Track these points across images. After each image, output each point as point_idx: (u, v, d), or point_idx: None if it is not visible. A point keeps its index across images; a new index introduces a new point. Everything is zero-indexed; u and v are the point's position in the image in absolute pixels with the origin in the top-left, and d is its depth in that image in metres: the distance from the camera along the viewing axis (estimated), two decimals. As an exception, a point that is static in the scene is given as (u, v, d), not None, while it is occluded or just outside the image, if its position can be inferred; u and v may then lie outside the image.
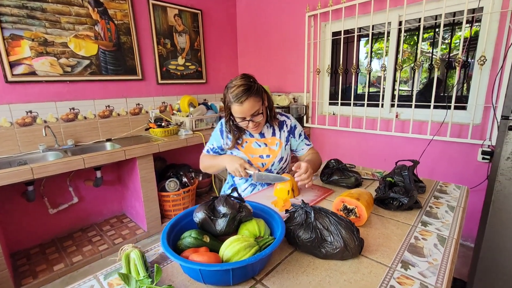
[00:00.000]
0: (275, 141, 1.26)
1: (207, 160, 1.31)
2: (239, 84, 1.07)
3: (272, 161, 1.25)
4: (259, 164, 1.25)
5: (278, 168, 1.29)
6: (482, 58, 1.85)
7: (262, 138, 1.27)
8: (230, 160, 1.17)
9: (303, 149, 1.33)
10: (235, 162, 1.15)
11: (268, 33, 3.08)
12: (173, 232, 0.70)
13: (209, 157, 1.32)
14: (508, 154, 1.46)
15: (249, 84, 1.07)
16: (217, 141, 1.29)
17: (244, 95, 1.05)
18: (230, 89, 1.08)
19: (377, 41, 2.63)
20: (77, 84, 2.26)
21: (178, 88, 2.94)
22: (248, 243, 0.62)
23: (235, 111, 1.09)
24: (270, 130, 1.27)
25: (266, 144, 1.26)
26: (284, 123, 1.29)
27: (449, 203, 1.00)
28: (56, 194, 2.26)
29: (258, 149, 1.26)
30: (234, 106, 1.08)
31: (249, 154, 1.25)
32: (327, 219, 0.70)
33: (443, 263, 0.67)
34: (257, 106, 1.09)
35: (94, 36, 2.28)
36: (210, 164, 1.29)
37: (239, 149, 1.26)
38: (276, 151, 1.25)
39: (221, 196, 0.73)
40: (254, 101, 1.07)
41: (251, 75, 1.14)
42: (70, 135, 2.26)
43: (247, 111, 1.08)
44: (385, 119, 2.39)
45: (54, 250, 2.17)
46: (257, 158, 1.25)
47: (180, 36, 2.86)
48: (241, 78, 1.10)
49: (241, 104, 1.06)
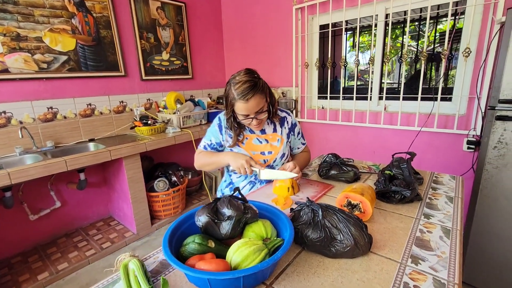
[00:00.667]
0: (276, 137, 1.23)
1: (204, 157, 1.23)
2: (244, 80, 1.01)
3: (274, 158, 1.22)
4: (260, 161, 1.22)
5: (280, 164, 1.26)
6: (467, 50, 1.88)
7: (263, 134, 1.23)
8: (234, 157, 1.11)
9: (298, 148, 1.33)
10: (239, 158, 1.09)
11: (254, 26, 3.02)
12: (175, 237, 0.65)
13: (207, 154, 1.24)
14: (495, 144, 1.51)
15: (255, 81, 1.02)
16: (216, 137, 1.22)
17: (250, 92, 1.00)
18: (234, 86, 1.02)
19: (361, 35, 2.64)
20: (55, 82, 2.12)
21: (164, 84, 2.84)
22: (257, 246, 0.58)
23: (239, 108, 1.04)
24: (271, 126, 1.24)
25: (268, 140, 1.23)
26: (285, 119, 1.26)
27: (447, 194, 1.01)
28: (37, 199, 2.13)
29: (259, 145, 1.22)
30: (238, 104, 1.03)
31: (250, 151, 1.21)
32: (335, 217, 0.68)
33: (452, 255, 0.67)
34: (262, 103, 1.05)
35: (71, 30, 2.14)
36: (208, 161, 1.22)
37: (240, 146, 1.21)
38: (278, 147, 1.22)
39: (224, 197, 0.69)
40: (260, 98, 1.03)
41: (254, 69, 1.08)
42: (49, 136, 2.12)
43: (252, 108, 1.03)
44: (374, 112, 2.41)
45: (37, 258, 2.05)
46: (258, 154, 1.21)
47: (164, 30, 2.74)
48: (246, 73, 1.04)
49: (247, 102, 1.01)
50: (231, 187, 1.31)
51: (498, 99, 1.46)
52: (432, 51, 2.35)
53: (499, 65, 1.46)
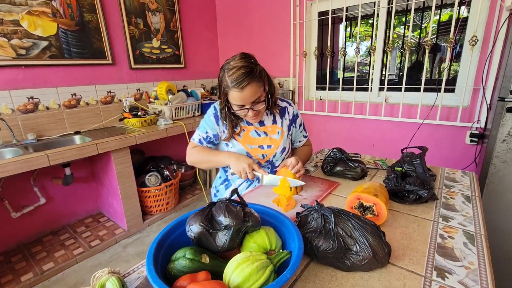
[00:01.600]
0: (276, 129, 1.12)
1: (200, 154, 1.10)
2: (239, 65, 0.89)
3: (274, 152, 1.11)
4: (259, 156, 1.11)
5: (280, 160, 1.16)
6: (474, 38, 1.79)
7: (262, 126, 1.11)
8: (236, 159, 0.99)
9: (300, 141, 1.23)
10: (241, 161, 0.98)
11: (250, 12, 2.87)
12: (162, 250, 0.55)
13: (203, 150, 1.10)
14: (504, 137, 1.43)
15: (251, 67, 0.90)
16: (212, 129, 1.10)
17: (246, 80, 0.88)
18: (228, 72, 0.91)
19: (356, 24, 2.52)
20: (35, 69, 1.96)
21: (155, 74, 2.69)
22: (260, 263, 0.49)
23: (234, 97, 0.93)
24: (270, 117, 1.12)
25: (267, 133, 1.11)
26: (286, 109, 1.14)
27: (463, 192, 0.93)
28: (19, 195, 2.00)
29: (257, 138, 1.10)
30: (232, 92, 0.91)
31: (247, 145, 1.10)
32: (349, 224, 0.59)
33: (481, 267, 0.58)
34: (259, 93, 0.94)
35: (51, 13, 1.96)
36: (204, 159, 1.09)
37: (236, 139, 1.10)
38: (278, 141, 1.11)
39: (220, 201, 0.59)
40: (257, 86, 0.91)
41: (251, 54, 0.96)
42: (30, 128, 1.98)
43: (248, 98, 0.92)
44: (374, 103, 2.33)
45: (21, 257, 1.93)
46: (256, 148, 1.10)
47: (154, 16, 2.58)
48: (241, 58, 0.92)
49: (242, 90, 0.89)
50: (227, 184, 1.21)
51: (509, 90, 1.38)
52: (436, 41, 2.26)
53: (511, 54, 1.37)
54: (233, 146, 1.10)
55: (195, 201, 2.74)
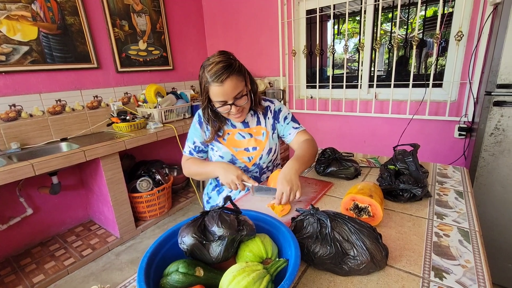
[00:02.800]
0: (261, 130, 1.10)
1: (193, 166, 1.10)
2: (218, 60, 0.89)
3: (260, 154, 1.10)
4: (245, 159, 1.09)
5: (267, 161, 1.14)
6: (459, 33, 1.82)
7: (246, 128, 1.10)
8: (225, 170, 0.97)
9: (290, 134, 1.12)
10: (230, 173, 0.96)
11: (238, 11, 2.84)
12: (154, 264, 0.53)
13: (195, 162, 1.11)
14: (492, 130, 1.46)
15: (229, 61, 0.90)
16: (199, 137, 1.10)
17: (225, 73, 0.87)
18: (207, 68, 0.90)
19: (344, 22, 2.53)
20: (16, 76, 1.89)
21: (142, 77, 2.63)
22: (256, 274, 0.47)
23: (215, 93, 0.91)
24: (254, 118, 1.11)
25: (252, 134, 1.10)
26: (268, 108, 1.12)
27: (455, 188, 0.93)
28: (4, 207, 1.93)
29: (242, 141, 1.09)
30: (213, 87, 0.90)
31: (233, 148, 1.08)
32: (345, 227, 0.58)
33: (478, 265, 0.58)
34: (241, 87, 0.93)
35: (31, 17, 1.89)
36: (197, 172, 1.09)
37: (221, 142, 1.09)
38: (264, 142, 1.10)
39: (213, 211, 0.57)
40: (237, 80, 0.91)
41: (229, 52, 0.95)
42: (13, 137, 1.91)
43: (229, 92, 0.90)
44: (364, 100, 2.34)
45: (10, 271, 1.87)
46: (242, 151, 1.09)
47: (139, 17, 2.52)
48: (219, 54, 0.92)
49: (222, 84, 0.88)
50: (218, 190, 1.19)
51: (495, 84, 1.40)
52: (422, 37, 2.28)
53: (496, 48, 1.39)
54: (218, 149, 1.09)
55: (188, 205, 2.70)
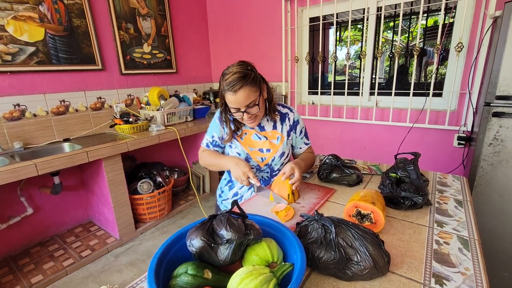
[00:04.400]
0: (276, 134, 1.16)
1: (209, 157, 1.19)
2: (234, 71, 0.96)
3: (273, 156, 1.15)
4: (258, 159, 1.15)
5: (279, 164, 1.19)
6: (459, 45, 1.85)
7: (262, 131, 1.17)
8: (236, 165, 1.05)
9: (301, 148, 1.24)
10: (239, 168, 1.04)
11: (242, 17, 2.88)
12: (162, 266, 0.54)
13: (211, 154, 1.20)
14: (491, 140, 1.48)
15: (245, 72, 0.96)
16: (217, 132, 1.18)
17: (238, 84, 0.94)
18: (225, 76, 0.98)
19: (346, 29, 2.57)
20: (22, 76, 1.91)
21: (146, 79, 2.66)
22: (264, 277, 0.49)
23: (229, 100, 0.99)
24: (270, 123, 1.17)
25: (267, 137, 1.16)
26: (287, 115, 1.18)
27: (455, 197, 0.95)
28: (5, 206, 1.93)
29: (258, 141, 1.15)
30: (227, 95, 0.98)
31: (248, 147, 1.15)
32: (349, 233, 0.60)
33: (477, 272, 0.60)
34: (253, 97, 0.99)
35: (39, 18, 1.92)
36: (212, 163, 1.19)
37: (238, 140, 1.16)
38: (278, 146, 1.15)
39: (221, 214, 0.59)
40: (250, 91, 0.97)
41: (250, 62, 1.02)
42: (16, 136, 1.92)
43: (242, 101, 0.97)
44: (365, 108, 2.37)
45: (8, 271, 1.86)
46: (256, 151, 1.15)
47: (145, 20, 2.55)
48: (238, 65, 0.99)
49: (235, 93, 0.95)
50: (230, 185, 1.27)
51: (494, 95, 1.43)
52: (423, 46, 2.32)
53: (496, 61, 1.42)
54: (235, 147, 1.16)
55: (188, 207, 2.71)
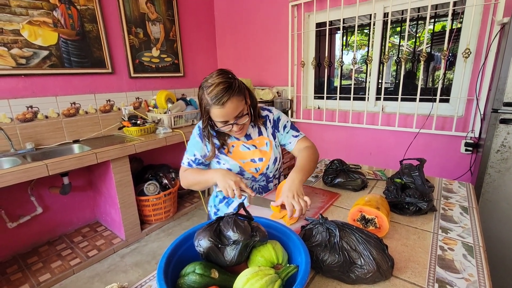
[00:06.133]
0: (264, 140, 1.11)
1: (191, 176, 1.09)
2: (217, 82, 0.89)
3: (267, 165, 1.11)
4: (252, 170, 1.10)
5: (274, 170, 1.15)
6: (467, 50, 1.85)
7: (249, 140, 1.11)
8: (223, 176, 0.96)
9: (291, 143, 1.14)
10: (228, 178, 0.95)
11: (248, 23, 2.92)
12: (171, 265, 0.56)
13: (194, 171, 1.09)
14: (498, 147, 1.47)
15: (229, 82, 0.90)
16: (199, 150, 1.09)
17: (226, 95, 0.88)
18: (206, 90, 0.90)
19: (352, 34, 2.58)
20: (35, 79, 1.96)
21: (154, 82, 2.70)
22: (269, 277, 0.50)
23: (216, 114, 0.92)
24: (255, 129, 1.12)
25: (255, 145, 1.11)
26: (267, 118, 1.12)
27: (461, 204, 0.95)
28: (15, 205, 1.98)
29: (247, 152, 1.09)
30: (214, 109, 0.91)
31: (240, 160, 1.09)
32: (353, 237, 0.61)
33: (481, 279, 0.60)
34: (241, 107, 0.94)
35: (52, 23, 1.98)
36: (195, 181, 1.07)
37: (227, 155, 1.08)
38: (269, 153, 1.11)
39: (228, 216, 0.61)
40: (237, 100, 0.91)
41: (228, 70, 0.95)
42: (28, 137, 1.97)
43: (230, 113, 0.92)
44: (371, 113, 2.37)
45: (17, 268, 1.90)
46: (249, 162, 1.09)
47: (154, 25, 2.61)
48: (218, 74, 0.92)
49: (223, 106, 0.89)
50: (227, 201, 1.18)
51: (502, 102, 1.43)
52: (430, 51, 2.32)
53: (503, 67, 1.42)
54: (226, 163, 1.08)
55: (193, 210, 2.73)
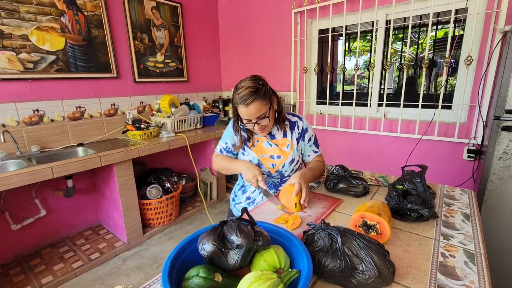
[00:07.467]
0: (286, 142, 1.22)
1: (222, 161, 1.27)
2: (247, 86, 1.04)
3: (283, 163, 1.20)
4: (269, 165, 1.21)
5: (290, 170, 1.23)
6: (468, 58, 1.86)
7: (273, 139, 1.23)
8: (247, 168, 1.13)
9: (309, 156, 1.28)
10: (250, 171, 1.11)
11: (252, 29, 2.96)
12: (175, 269, 0.57)
13: (224, 158, 1.27)
14: (500, 154, 1.48)
15: (257, 87, 1.04)
16: (231, 139, 1.26)
17: (250, 98, 1.02)
18: (237, 90, 1.06)
19: (355, 40, 2.61)
20: (42, 83, 2.00)
21: (158, 87, 2.74)
22: (272, 282, 0.51)
23: (241, 112, 1.07)
24: (280, 132, 1.23)
25: (277, 145, 1.23)
26: (296, 123, 1.24)
27: (462, 211, 0.95)
28: (20, 207, 2.00)
29: (269, 148, 1.22)
30: (240, 108, 1.06)
31: (260, 154, 1.21)
32: (355, 243, 0.61)
33: (482, 286, 0.61)
34: (264, 110, 1.06)
35: (60, 29, 2.02)
36: (225, 167, 1.26)
37: (250, 148, 1.23)
38: (288, 153, 1.21)
39: (232, 221, 0.62)
40: (261, 104, 1.04)
41: (261, 76, 1.09)
42: (34, 140, 2.00)
43: (253, 114, 1.05)
44: (373, 119, 2.38)
45: (20, 270, 1.92)
46: (267, 158, 1.21)
47: (159, 31, 2.65)
48: (250, 79, 1.06)
49: (247, 107, 1.03)
50: (243, 189, 1.32)
51: (504, 109, 1.43)
52: (432, 58, 2.34)
53: (505, 75, 1.43)
54: (248, 154, 1.23)
55: (195, 214, 2.74)
